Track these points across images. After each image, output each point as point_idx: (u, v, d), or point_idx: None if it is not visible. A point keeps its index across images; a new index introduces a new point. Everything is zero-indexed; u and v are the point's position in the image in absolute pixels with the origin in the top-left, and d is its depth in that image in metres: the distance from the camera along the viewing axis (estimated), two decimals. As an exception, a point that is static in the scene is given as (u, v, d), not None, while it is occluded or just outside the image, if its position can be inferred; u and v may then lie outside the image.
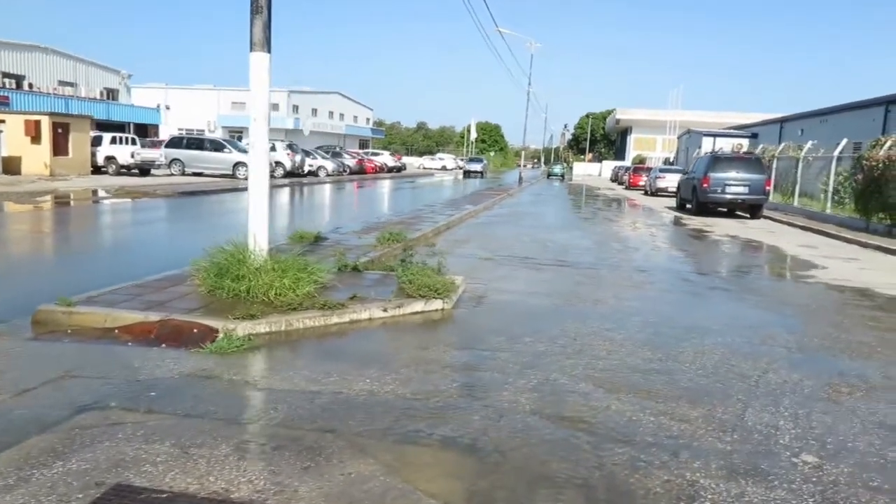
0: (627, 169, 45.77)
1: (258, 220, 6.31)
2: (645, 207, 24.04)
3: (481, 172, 52.35)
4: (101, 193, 18.87)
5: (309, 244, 9.39)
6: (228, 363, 4.48)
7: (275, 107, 65.87)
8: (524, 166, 54.69)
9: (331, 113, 74.76)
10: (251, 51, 6.01)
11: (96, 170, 26.46)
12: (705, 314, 6.65)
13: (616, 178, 51.87)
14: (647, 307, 6.78)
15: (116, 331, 5.05)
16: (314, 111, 68.96)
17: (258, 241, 6.27)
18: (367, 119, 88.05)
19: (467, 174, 51.87)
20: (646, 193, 33.84)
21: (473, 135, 66.09)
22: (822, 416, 4.04)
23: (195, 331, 5.00)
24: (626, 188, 40.46)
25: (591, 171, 78.42)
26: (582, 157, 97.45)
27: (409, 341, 5.24)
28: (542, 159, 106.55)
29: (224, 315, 5.28)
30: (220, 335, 4.95)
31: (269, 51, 6.04)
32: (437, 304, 6.25)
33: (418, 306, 6.15)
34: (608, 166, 68.02)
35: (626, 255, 10.92)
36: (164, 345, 4.82)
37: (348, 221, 13.22)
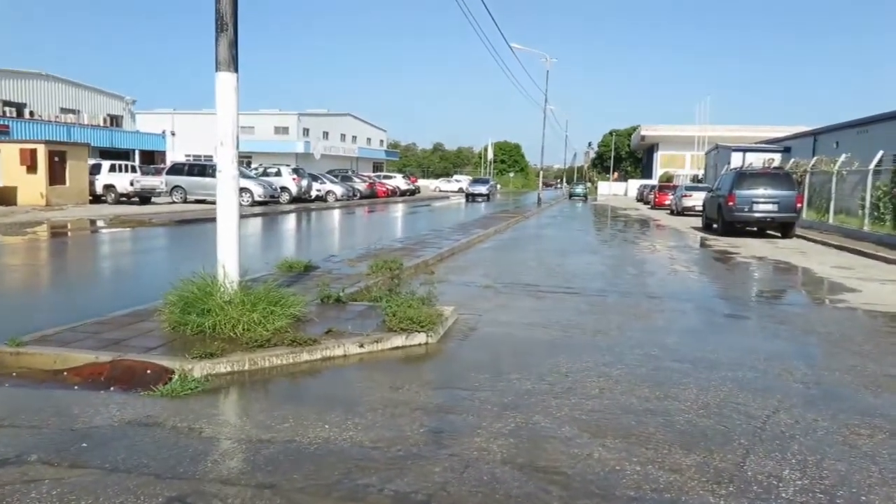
0: (653, 187, 45.45)
1: (227, 250, 6.20)
2: (669, 228, 23.71)
3: (487, 195, 47.76)
4: (95, 223, 19.04)
5: (297, 274, 9.27)
6: (177, 408, 4.31)
7: (284, 130, 66.90)
8: (545, 187, 54.53)
9: (343, 136, 75.57)
10: (217, 70, 5.95)
11: (95, 199, 26.82)
12: (717, 345, 6.35)
13: (641, 198, 51.52)
14: (653, 338, 6.51)
15: (65, 373, 4.91)
16: (325, 134, 69.74)
17: (227, 272, 6.14)
18: (381, 141, 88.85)
19: (471, 198, 46.81)
20: (672, 213, 33.48)
21: (490, 155, 66.17)
22: (834, 463, 3.74)
23: (148, 372, 4.85)
24: (652, 208, 40.12)
25: (617, 191, 78.10)
26: (606, 175, 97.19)
27: (381, 380, 5.03)
28: (564, 179, 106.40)
29: (183, 354, 5.12)
30: (175, 376, 4.79)
31: (235, 70, 5.97)
32: (419, 339, 6.06)
33: (398, 341, 5.96)
34: (634, 185, 67.66)
35: (639, 280, 10.66)
36: (113, 388, 4.67)
37: (346, 249, 13.12)
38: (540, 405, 4.53)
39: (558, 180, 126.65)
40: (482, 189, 48.20)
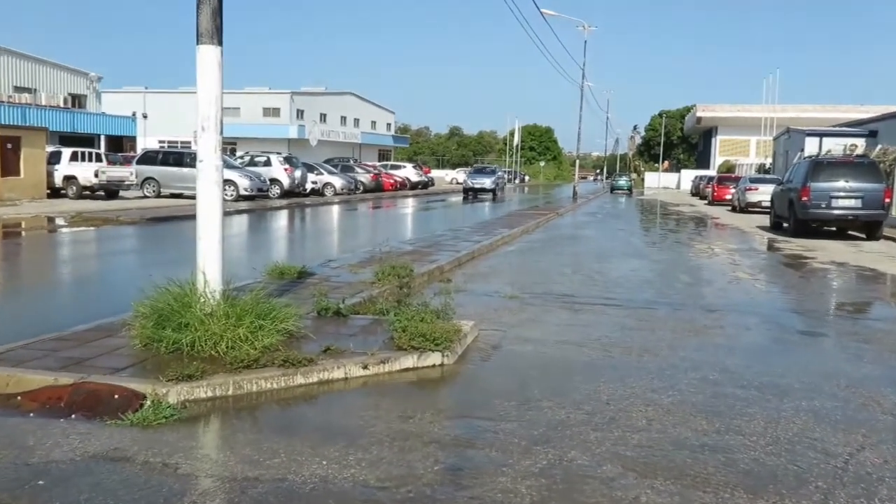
0: (710, 179, 45.24)
1: (209, 254, 6.25)
2: (730, 227, 23.59)
3: (493, 192, 41.35)
4: (53, 221, 19.28)
5: (289, 281, 9.33)
6: (150, 440, 4.35)
7: (275, 112, 67.40)
8: (581, 178, 54.28)
9: (343, 118, 76.03)
10: (198, 43, 6.01)
11: (54, 192, 27.17)
12: (788, 368, 6.31)
13: (697, 191, 51.30)
14: (711, 359, 6.49)
15: (19, 397, 4.97)
16: (323, 117, 70.15)
17: (209, 279, 6.19)
18: (389, 125, 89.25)
19: (471, 195, 41.14)
20: (734, 209, 33.30)
21: (517, 140, 66.22)
22: (931, 511, 3.69)
23: (116, 397, 4.89)
24: (709, 203, 39.93)
25: (667, 183, 77.82)
26: (655, 165, 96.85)
27: (390, 408, 5.05)
28: (605, 169, 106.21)
29: (156, 376, 5.17)
30: (147, 402, 4.83)
31: (219, 43, 6.03)
32: (433, 359, 6.07)
33: (409, 361, 5.97)
34: (688, 176, 67.37)
35: (694, 290, 10.65)
36: (75, 415, 4.72)
37: (347, 252, 13.18)
38: (576, 439, 4.52)
39: (598, 171, 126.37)
40: (485, 182, 41.61)
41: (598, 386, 5.61)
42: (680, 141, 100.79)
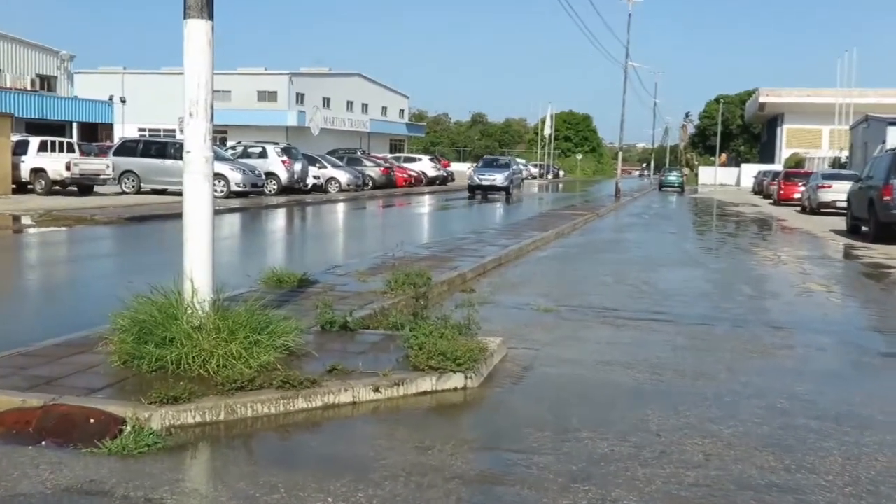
0: (776, 175, 45.00)
1: (197, 258, 6.30)
2: (799, 231, 23.47)
3: (506, 189, 38.90)
4: (19, 221, 19.50)
5: (289, 290, 9.38)
6: (130, 471, 4.38)
7: (271, 96, 67.97)
8: (625, 173, 54.08)
9: (349, 103, 76.49)
10: (185, 17, 6.07)
11: (20, 187, 27.42)
12: (869, 396, 6.26)
13: (760, 189, 51.04)
14: (778, 385, 6.45)
15: (-19, 421, 5.02)
16: (326, 101, 70.61)
17: (197, 287, 6.23)
18: (402, 111, 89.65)
19: (479, 193, 39.00)
20: (803, 210, 33.09)
21: (549, 129, 66.27)
22: None
23: (92, 421, 4.94)
24: (774, 203, 39.72)
25: (725, 179, 77.52)
26: (710, 158, 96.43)
27: (405, 438, 5.06)
28: (653, 163, 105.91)
29: (137, 397, 5.20)
30: (127, 428, 4.87)
31: (210, 17, 6.10)
32: (455, 381, 6.08)
33: (427, 384, 5.98)
34: (749, 171, 67.04)
35: (758, 303, 10.61)
36: (45, 442, 4.77)
37: (354, 257, 13.24)
38: (622, 476, 4.51)
39: (644, 165, 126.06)
40: (496, 178, 39.11)
41: (647, 414, 5.59)
42: (740, 130, 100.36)
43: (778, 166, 57.12)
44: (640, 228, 23.64)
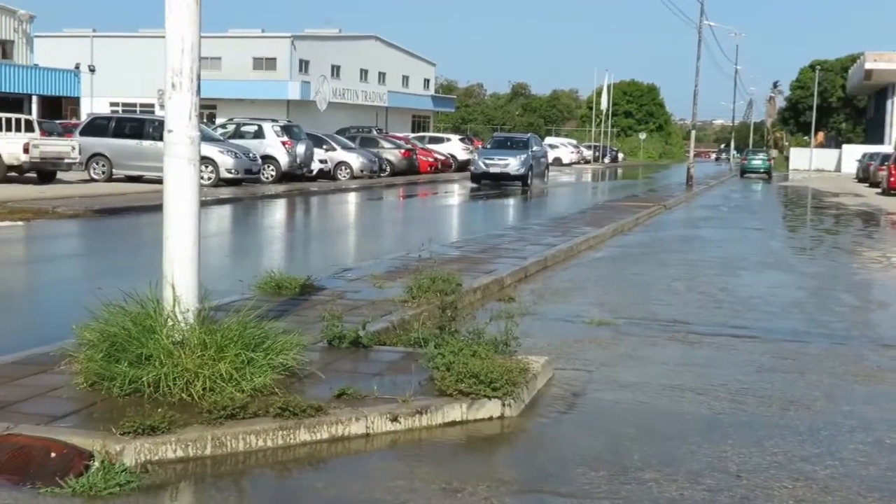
0: (885, 158, 44.42)
1: (180, 260, 6.33)
2: (913, 227, 23.22)
3: (523, 178, 35.53)
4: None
5: (289, 298, 9.44)
6: (98, 515, 4.41)
7: (270, 64, 68.18)
8: (697, 157, 53.70)
9: (364, 72, 76.59)
10: (166, -32, 6.09)
11: (-30, 173, 27.72)
12: None
13: (865, 175, 50.42)
14: (888, 416, 6.41)
15: (-78, 454, 5.07)
16: (336, 70, 70.75)
17: (179, 295, 6.26)
18: (427, 81, 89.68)
19: (485, 181, 36.24)
20: (920, 201, 32.68)
21: (605, 103, 66.07)
22: None
23: (53, 455, 4.97)
24: (884, 192, 39.21)
25: (822, 163, 76.83)
26: (804, 138, 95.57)
27: (429, 477, 5.08)
28: (733, 144, 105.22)
29: (107, 427, 5.23)
30: (95, 464, 4.90)
31: (196, -33, 6.11)
32: (490, 409, 6.08)
33: (456, 412, 5.98)
34: (852, 154, 66.29)
35: (863, 315, 10.58)
36: (-3, 479, 4.81)
37: (368, 258, 13.26)
38: (694, 526, 4.48)
39: (722, 146, 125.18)
40: (509, 163, 35.65)
41: (724, 451, 5.56)
42: (841, 104, 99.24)
43: (888, 147, 56.36)
44: (718, 223, 23.46)
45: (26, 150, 27.76)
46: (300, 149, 33.34)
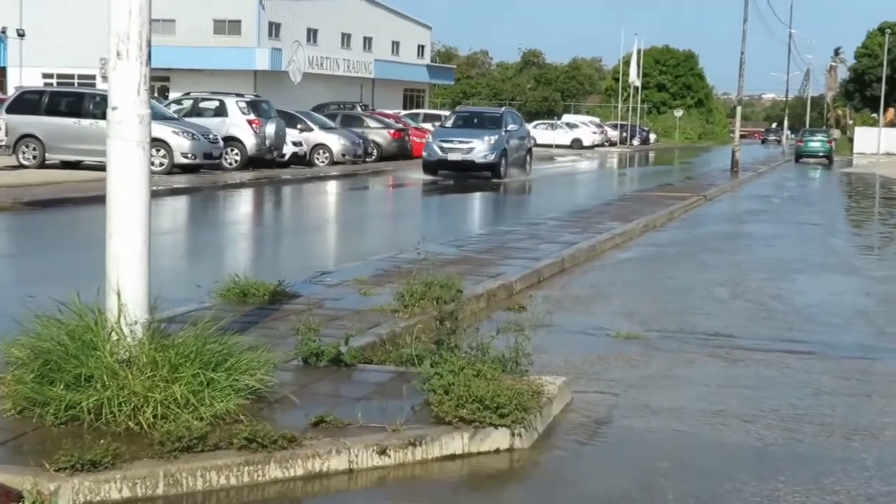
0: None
1: (126, 262, 6.32)
2: None
3: (493, 166, 32.67)
4: None
5: (257, 307, 9.46)
6: (28, 568, 4.41)
7: (233, 28, 68.10)
8: (744, 137, 53.66)
9: (346, 37, 76.52)
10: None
11: None
12: None
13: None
14: (971, 448, 6.39)
15: None
16: (312, 34, 70.71)
17: (126, 303, 6.25)
18: (421, 48, 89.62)
19: (442, 169, 33.09)
20: None
21: (634, 74, 66.11)
22: None
23: (-25, 495, 4.97)
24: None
25: (894, 145, 76.86)
26: (872, 115, 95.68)
27: (424, 523, 5.07)
28: (786, 124, 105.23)
29: (39, 462, 5.23)
30: (25, 504, 4.90)
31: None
32: (497, 439, 6.07)
33: (456, 443, 5.97)
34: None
35: (941, 328, 10.50)
36: None
37: (351, 258, 13.28)
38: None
39: (773, 125, 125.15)
40: (474, 147, 32.62)
41: (776, 489, 5.55)
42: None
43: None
44: (768, 218, 23.48)
45: (-57, 132, 27.84)
46: (270, 129, 33.28)
